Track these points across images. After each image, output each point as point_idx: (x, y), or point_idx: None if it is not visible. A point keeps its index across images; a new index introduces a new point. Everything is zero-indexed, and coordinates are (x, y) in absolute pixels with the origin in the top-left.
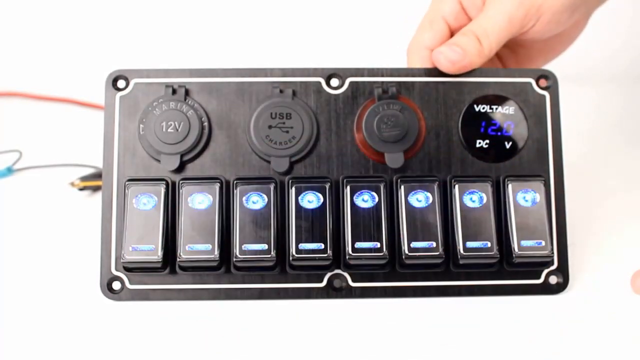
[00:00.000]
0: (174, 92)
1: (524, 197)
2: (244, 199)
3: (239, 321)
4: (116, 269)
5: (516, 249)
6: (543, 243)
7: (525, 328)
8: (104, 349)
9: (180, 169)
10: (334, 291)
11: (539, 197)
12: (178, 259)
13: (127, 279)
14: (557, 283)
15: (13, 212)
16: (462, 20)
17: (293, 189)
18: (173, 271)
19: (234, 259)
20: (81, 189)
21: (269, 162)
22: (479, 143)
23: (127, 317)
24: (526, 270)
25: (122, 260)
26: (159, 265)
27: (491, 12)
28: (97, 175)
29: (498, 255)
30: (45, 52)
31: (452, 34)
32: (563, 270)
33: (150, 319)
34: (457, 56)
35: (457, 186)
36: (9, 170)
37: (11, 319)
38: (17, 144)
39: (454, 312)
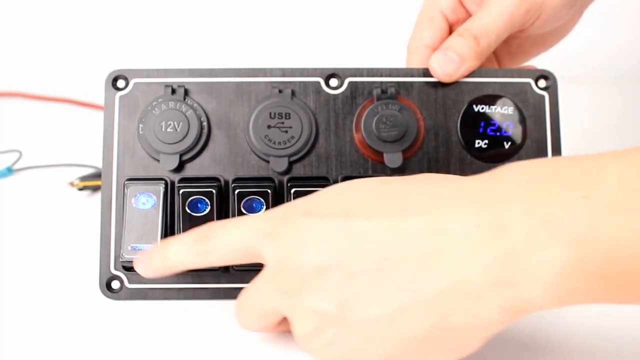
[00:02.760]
0: (174, 92)
1: None
2: (242, 203)
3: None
4: (115, 268)
5: None
6: None
7: (524, 326)
8: (103, 348)
9: (179, 168)
10: None
11: None
12: None
13: (126, 278)
14: None
15: (13, 212)
16: (460, 13)
17: (292, 192)
18: None
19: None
20: (81, 189)
21: (268, 161)
22: (478, 143)
23: (126, 317)
24: None
25: (120, 260)
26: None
27: (492, 10)
28: (97, 175)
29: None
30: (45, 52)
31: (450, 27)
32: None
33: (149, 318)
34: (454, 66)
35: None
36: (9, 170)
37: (10, 318)
38: (17, 144)
39: None
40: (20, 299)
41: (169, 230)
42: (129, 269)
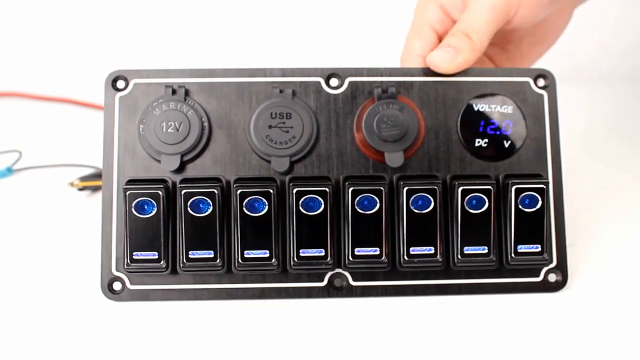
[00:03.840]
0: (174, 92)
1: (525, 200)
2: (243, 203)
3: (240, 320)
4: (117, 270)
5: (512, 254)
6: (540, 247)
7: (524, 325)
8: (104, 349)
9: (180, 169)
10: (335, 290)
11: (539, 200)
12: (181, 265)
13: (127, 280)
14: (556, 281)
15: (13, 213)
16: (447, 24)
17: (294, 192)
18: (174, 271)
19: (236, 265)
20: (81, 189)
21: (269, 162)
22: (478, 142)
23: (128, 318)
24: (526, 268)
25: (125, 267)
26: (162, 270)
27: (474, 8)
28: (97, 176)
29: (494, 260)
30: (45, 52)
31: (439, 38)
32: (562, 268)
33: (151, 320)
34: (451, 55)
35: (459, 190)
36: (9, 171)
37: (11, 320)
38: (17, 144)
39: (454, 309)
40: (21, 301)
41: (170, 233)
42: (132, 272)
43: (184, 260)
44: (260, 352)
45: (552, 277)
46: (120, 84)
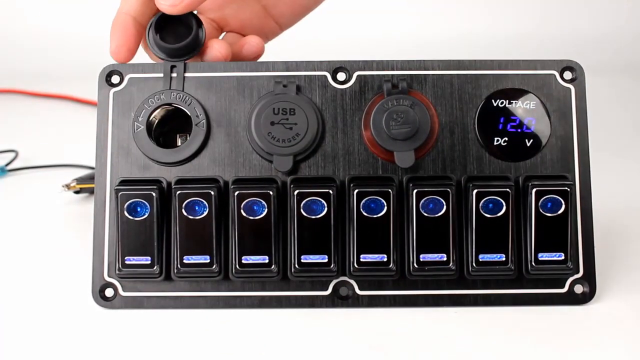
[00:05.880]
0: (171, 87)
1: (547, 204)
2: (241, 205)
3: (238, 331)
4: (109, 275)
5: (533, 262)
6: (563, 256)
7: (547, 341)
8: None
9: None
10: (340, 300)
11: (563, 203)
12: (175, 271)
13: (120, 286)
14: (583, 292)
15: (3, 216)
16: None
17: (295, 194)
18: (168, 277)
19: (233, 272)
20: (77, 192)
21: (270, 161)
22: (497, 140)
23: (120, 326)
24: (548, 278)
25: (116, 272)
26: (155, 276)
27: None
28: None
29: (513, 269)
30: (43, 50)
31: None
32: (590, 278)
33: (144, 329)
34: None
35: (474, 192)
36: (3, 171)
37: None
38: (13, 143)
39: (468, 322)
40: (10, 308)
41: (165, 236)
42: (124, 277)
43: (179, 266)
44: None
45: (579, 289)
46: (115, 79)
